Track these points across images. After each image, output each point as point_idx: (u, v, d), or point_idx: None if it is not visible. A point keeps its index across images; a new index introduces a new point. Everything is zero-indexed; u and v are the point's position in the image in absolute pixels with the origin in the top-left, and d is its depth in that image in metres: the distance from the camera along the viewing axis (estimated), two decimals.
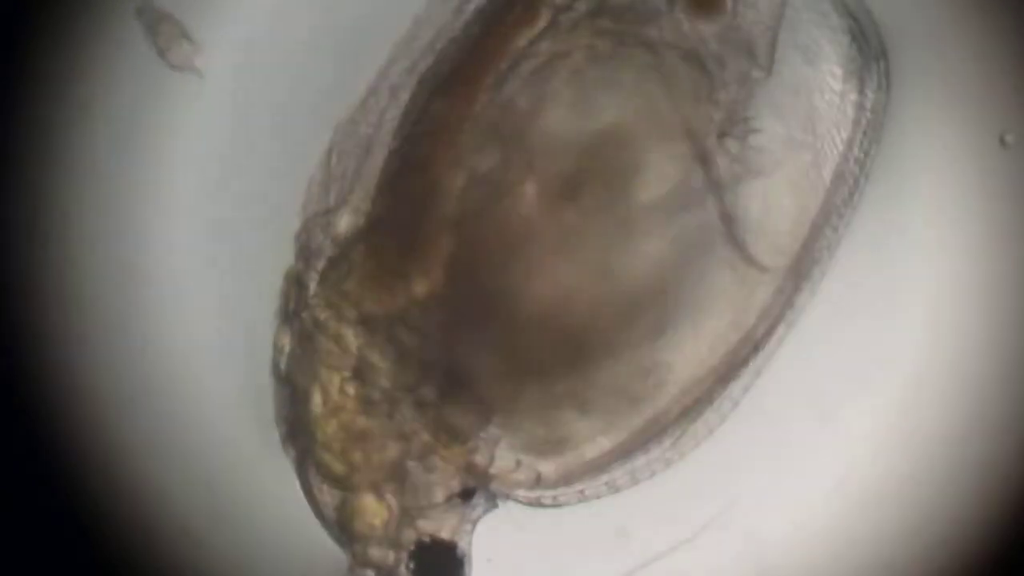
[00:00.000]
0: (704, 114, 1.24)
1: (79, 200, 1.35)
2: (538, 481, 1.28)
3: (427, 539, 1.28)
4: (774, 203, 1.26)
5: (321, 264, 1.28)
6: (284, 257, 1.30)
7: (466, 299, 1.25)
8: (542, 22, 1.26)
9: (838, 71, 1.27)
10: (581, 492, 1.29)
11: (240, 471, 1.35)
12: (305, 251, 1.29)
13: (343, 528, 1.28)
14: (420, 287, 1.26)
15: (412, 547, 1.28)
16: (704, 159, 1.24)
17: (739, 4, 1.25)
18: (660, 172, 1.24)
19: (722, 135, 1.24)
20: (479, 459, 1.27)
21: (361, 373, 1.27)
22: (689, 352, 1.27)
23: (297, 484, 1.29)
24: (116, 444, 1.35)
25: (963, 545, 1.32)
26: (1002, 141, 1.32)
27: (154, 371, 1.36)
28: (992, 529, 1.32)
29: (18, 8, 1.33)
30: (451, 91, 1.27)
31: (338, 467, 1.27)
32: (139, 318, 1.36)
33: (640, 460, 1.29)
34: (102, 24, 1.34)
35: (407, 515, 1.27)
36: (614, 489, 1.29)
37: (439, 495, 1.28)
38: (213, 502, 1.36)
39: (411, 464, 1.27)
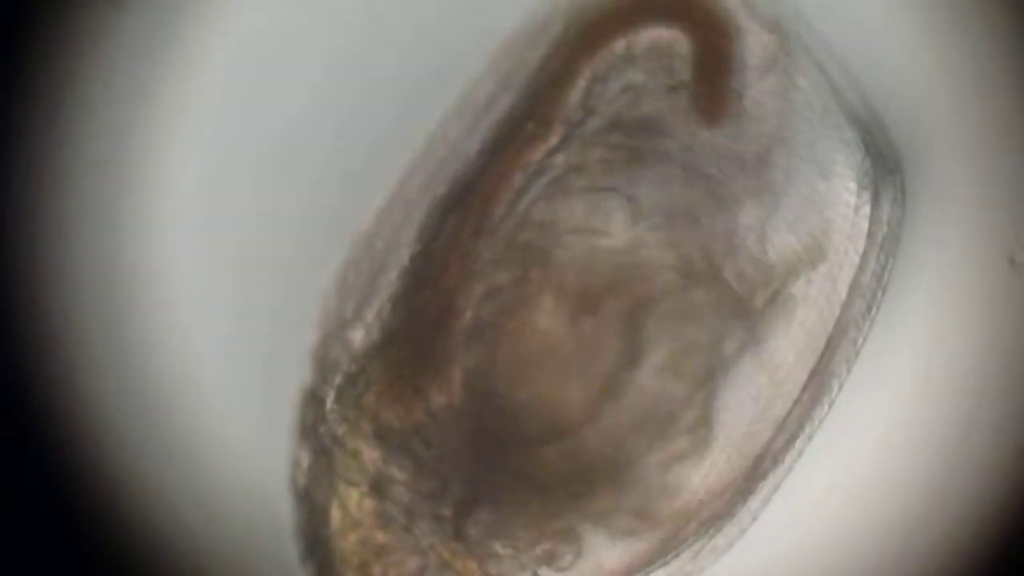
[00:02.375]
0: (720, 228, 1.25)
1: (79, 201, 1.34)
2: None
3: None
4: (791, 316, 1.26)
5: (338, 378, 1.28)
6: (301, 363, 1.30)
7: (482, 413, 1.25)
8: (556, 137, 1.27)
9: (852, 185, 1.28)
10: None
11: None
12: (321, 365, 1.29)
13: None
14: (437, 401, 1.26)
15: None
16: (720, 272, 1.25)
17: (751, 122, 1.27)
18: (676, 287, 1.25)
19: (739, 249, 1.25)
20: (497, 574, 1.26)
21: (379, 488, 1.26)
22: (707, 466, 1.26)
23: None
24: (115, 443, 1.33)
25: (963, 545, 1.32)
26: (1011, 261, 1.32)
27: (154, 373, 1.35)
28: (992, 529, 1.32)
29: (18, 8, 1.32)
30: (466, 205, 1.27)
31: None
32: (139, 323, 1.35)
33: (659, 573, 1.28)
34: (103, 25, 1.34)
35: None
36: None
37: None
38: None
39: None
